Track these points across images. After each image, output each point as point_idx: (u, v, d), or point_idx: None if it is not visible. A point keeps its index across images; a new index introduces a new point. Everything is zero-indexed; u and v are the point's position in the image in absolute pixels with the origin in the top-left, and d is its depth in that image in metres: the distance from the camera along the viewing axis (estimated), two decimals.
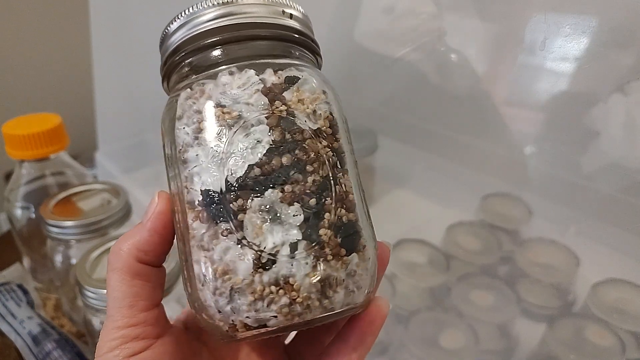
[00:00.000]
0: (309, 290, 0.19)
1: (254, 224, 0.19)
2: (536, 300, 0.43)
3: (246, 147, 0.19)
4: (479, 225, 0.50)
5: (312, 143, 0.20)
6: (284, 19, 0.22)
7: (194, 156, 0.19)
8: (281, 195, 0.19)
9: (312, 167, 0.19)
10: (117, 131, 0.75)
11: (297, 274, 0.19)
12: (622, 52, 0.36)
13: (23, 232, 0.50)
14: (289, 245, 0.19)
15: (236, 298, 0.18)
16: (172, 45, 0.22)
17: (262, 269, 0.18)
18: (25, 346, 0.41)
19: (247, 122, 0.19)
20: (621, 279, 0.41)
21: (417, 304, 0.44)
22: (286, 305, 0.18)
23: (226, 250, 0.18)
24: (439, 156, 0.56)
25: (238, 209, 0.18)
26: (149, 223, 0.20)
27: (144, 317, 0.20)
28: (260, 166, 0.19)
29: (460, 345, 0.39)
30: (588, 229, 0.45)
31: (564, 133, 0.42)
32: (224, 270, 0.18)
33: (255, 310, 0.18)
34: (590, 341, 0.37)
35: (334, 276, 0.19)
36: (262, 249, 0.18)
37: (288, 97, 0.20)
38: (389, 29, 0.51)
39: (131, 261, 0.20)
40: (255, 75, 0.20)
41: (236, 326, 0.19)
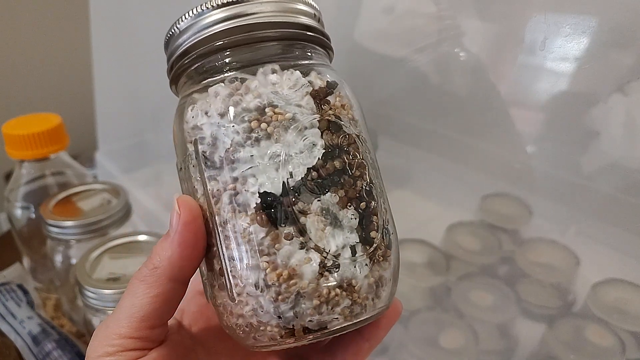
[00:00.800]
0: (367, 291, 0.19)
1: (317, 227, 0.18)
2: (536, 300, 0.43)
3: (302, 150, 0.19)
4: (479, 225, 0.50)
5: (356, 148, 0.20)
6: (313, 20, 0.22)
7: (247, 157, 0.19)
8: (337, 199, 0.19)
9: (359, 171, 0.20)
10: (117, 131, 0.75)
11: (358, 276, 0.19)
12: (623, 52, 0.36)
13: (23, 232, 0.50)
14: (349, 247, 0.19)
15: (301, 303, 0.18)
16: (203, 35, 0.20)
17: (327, 272, 0.18)
18: (25, 346, 0.41)
19: (301, 125, 0.19)
20: (621, 279, 0.40)
21: (417, 304, 0.44)
22: (348, 307, 0.19)
23: (290, 254, 0.18)
24: (439, 156, 0.56)
25: (300, 212, 0.18)
26: (177, 236, 0.19)
27: (149, 334, 0.20)
28: (317, 169, 0.19)
29: (460, 345, 0.39)
30: (588, 229, 0.45)
31: (564, 133, 0.42)
32: (289, 274, 0.18)
33: (319, 314, 0.18)
34: (590, 341, 0.37)
35: (384, 276, 0.20)
36: (327, 251, 0.18)
37: (332, 101, 0.20)
38: (389, 29, 0.51)
39: (163, 280, 0.19)
40: (302, 77, 0.20)
41: (293, 331, 0.19)
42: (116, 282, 0.36)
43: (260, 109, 0.19)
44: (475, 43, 0.45)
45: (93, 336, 0.20)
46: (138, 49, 0.65)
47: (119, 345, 0.19)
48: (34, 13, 0.89)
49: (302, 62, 0.21)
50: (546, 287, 0.44)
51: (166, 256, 0.19)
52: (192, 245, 0.19)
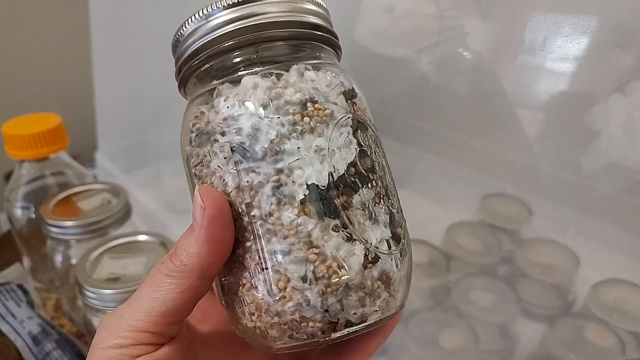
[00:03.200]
0: (400, 284, 0.20)
1: (359, 220, 0.19)
2: (536, 300, 0.43)
3: (342, 146, 0.19)
4: (479, 225, 0.50)
5: (377, 149, 0.21)
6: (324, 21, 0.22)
7: (294, 149, 0.18)
8: (373, 195, 0.20)
9: (382, 170, 0.21)
10: (117, 131, 0.75)
11: (394, 269, 0.20)
12: (623, 52, 0.36)
13: (23, 232, 0.50)
14: (385, 241, 0.19)
15: (349, 294, 0.18)
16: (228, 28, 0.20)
17: (371, 264, 0.19)
18: (25, 346, 0.41)
19: (339, 122, 0.19)
20: (621, 279, 0.40)
21: (417, 304, 0.44)
22: (385, 300, 0.19)
23: (339, 246, 0.18)
24: (439, 156, 0.56)
25: (343, 205, 0.19)
26: (202, 232, 0.18)
27: (166, 330, 0.19)
28: (355, 165, 0.19)
29: (460, 345, 0.39)
30: (588, 229, 0.45)
31: (564, 133, 0.42)
32: (339, 265, 0.18)
33: (362, 306, 0.19)
34: (591, 341, 0.37)
35: (408, 272, 0.21)
36: (370, 243, 0.19)
37: (357, 103, 0.21)
38: (389, 29, 0.51)
39: (193, 277, 0.18)
40: (335, 77, 0.21)
41: (336, 325, 0.19)
42: (116, 282, 0.36)
43: (302, 103, 0.19)
44: (475, 43, 0.45)
45: (102, 326, 0.19)
46: (138, 49, 0.65)
47: (132, 338, 0.18)
48: (34, 13, 0.89)
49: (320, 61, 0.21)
50: (546, 287, 0.44)
51: (194, 253, 0.18)
52: (220, 240, 0.19)
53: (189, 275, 0.18)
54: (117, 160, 0.72)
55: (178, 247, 0.19)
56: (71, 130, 0.50)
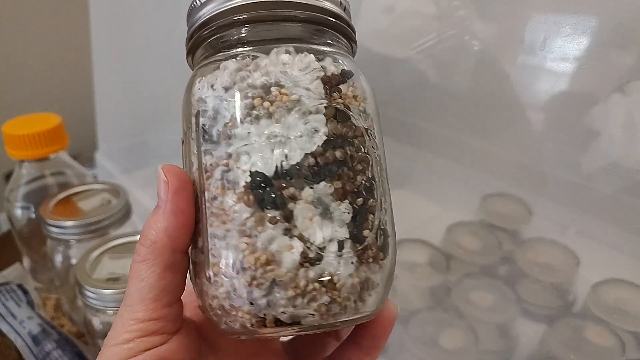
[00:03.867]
0: (350, 291, 0.18)
1: (305, 215, 0.18)
2: (536, 300, 0.43)
3: (303, 134, 0.18)
4: (479, 225, 0.50)
5: (362, 141, 0.19)
6: (338, 7, 0.21)
7: (244, 133, 0.18)
8: (332, 190, 0.18)
9: (361, 165, 0.19)
10: (117, 131, 0.75)
11: (341, 273, 0.18)
12: (622, 52, 0.36)
13: (23, 232, 0.50)
14: (337, 242, 0.18)
15: (275, 291, 0.17)
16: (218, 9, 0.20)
17: (308, 264, 0.17)
18: (25, 346, 0.41)
19: (305, 108, 0.18)
20: (621, 279, 0.40)
21: (417, 304, 0.44)
22: (325, 304, 0.18)
23: (272, 239, 0.17)
24: (439, 156, 0.56)
25: (289, 197, 0.18)
26: (168, 205, 0.18)
27: (167, 312, 0.19)
28: (316, 156, 0.18)
29: (460, 345, 0.39)
30: (588, 228, 0.45)
31: (564, 133, 0.42)
32: (267, 260, 0.17)
33: (293, 306, 0.18)
34: (590, 341, 0.37)
35: (371, 279, 0.19)
36: (311, 242, 0.18)
37: (344, 90, 0.19)
38: (389, 29, 0.51)
39: (166, 253, 0.18)
40: (315, 61, 0.19)
41: (265, 321, 0.18)
42: (116, 282, 0.36)
43: (266, 87, 0.18)
44: (475, 43, 0.45)
45: (111, 327, 0.19)
46: (138, 49, 0.65)
47: (138, 331, 0.18)
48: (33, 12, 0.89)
49: (321, 47, 0.20)
50: (546, 287, 0.44)
51: (162, 228, 0.18)
52: (186, 212, 0.19)
53: (162, 252, 0.18)
54: (117, 160, 0.72)
55: (145, 228, 0.19)
56: (71, 130, 0.50)
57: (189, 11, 0.21)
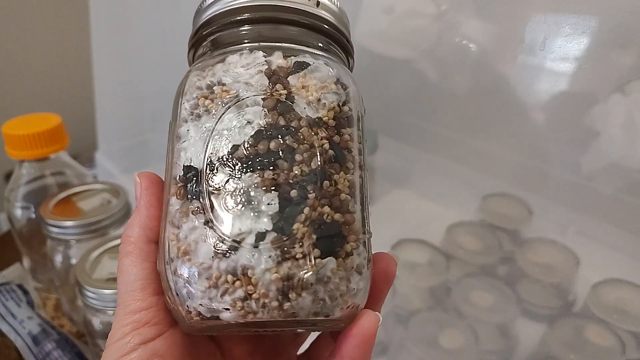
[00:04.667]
0: (268, 288, 0.17)
1: (225, 206, 0.17)
2: (536, 300, 0.43)
3: (234, 127, 0.18)
4: (479, 225, 0.50)
5: (306, 132, 0.18)
6: (313, 7, 0.21)
7: (185, 131, 0.19)
8: (259, 181, 0.17)
9: (302, 156, 0.18)
10: (117, 131, 0.75)
11: (256, 267, 0.17)
12: (622, 52, 0.36)
13: (23, 232, 0.49)
14: (255, 234, 0.17)
15: (192, 282, 0.17)
16: (202, 20, 0.22)
17: (222, 255, 0.17)
18: (25, 346, 0.41)
19: (242, 102, 0.19)
20: (621, 279, 0.40)
21: (417, 304, 0.44)
22: (240, 299, 0.17)
23: (192, 229, 0.18)
24: (439, 156, 0.56)
25: (213, 188, 0.18)
26: (142, 200, 0.20)
27: (156, 301, 0.19)
28: (245, 148, 0.18)
29: (460, 345, 0.39)
30: (588, 228, 0.45)
31: (564, 133, 0.42)
32: (186, 250, 0.18)
33: (208, 299, 0.17)
34: (590, 341, 0.37)
35: (299, 277, 0.17)
36: (225, 233, 0.17)
37: (292, 82, 0.19)
38: (389, 30, 0.51)
39: (140, 243, 0.20)
40: (262, 57, 0.20)
41: (191, 313, 0.18)
42: (116, 282, 0.36)
43: (210, 86, 0.19)
44: (475, 43, 0.45)
45: (112, 328, 0.20)
46: (138, 49, 0.65)
47: (132, 323, 0.19)
48: (33, 13, 0.89)
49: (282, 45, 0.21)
50: (546, 287, 0.44)
51: (136, 222, 0.20)
52: (155, 206, 0.20)
53: (138, 243, 0.20)
54: (117, 160, 0.72)
55: (125, 228, 0.21)
56: (71, 130, 0.50)
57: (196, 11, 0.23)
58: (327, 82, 0.20)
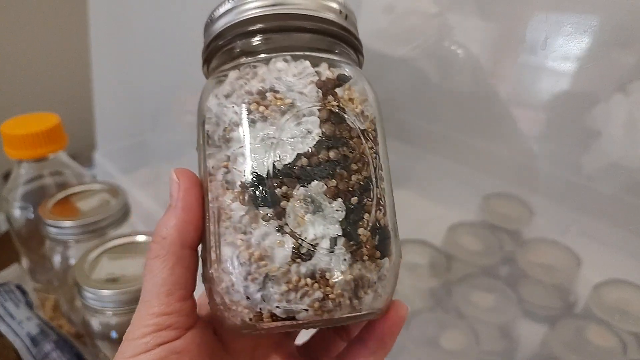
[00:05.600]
0: (343, 288, 0.19)
1: (297, 212, 0.18)
2: (537, 301, 0.43)
3: (296, 136, 0.19)
4: (480, 225, 0.50)
5: (358, 142, 0.20)
6: (339, 16, 0.22)
7: (240, 136, 0.19)
8: (325, 189, 0.19)
9: (357, 165, 0.20)
10: (116, 131, 0.75)
11: (334, 270, 0.18)
12: (624, 52, 0.35)
13: (21, 233, 0.49)
14: (329, 239, 0.19)
15: (269, 286, 0.18)
16: (222, 26, 0.21)
17: (300, 259, 0.18)
18: (23, 347, 0.41)
19: (299, 111, 0.19)
20: (623, 279, 0.40)
21: (417, 304, 0.44)
22: (318, 300, 0.18)
23: (265, 235, 0.18)
24: (440, 156, 0.56)
25: (282, 195, 0.18)
26: (179, 202, 0.20)
27: (180, 307, 0.20)
28: (309, 157, 0.19)
29: (461, 346, 0.39)
30: (589, 229, 0.45)
31: (565, 133, 0.42)
32: (261, 255, 0.18)
33: (287, 301, 0.18)
34: (592, 342, 0.37)
35: (367, 277, 0.19)
36: (302, 238, 0.18)
37: (340, 93, 0.20)
38: (389, 29, 0.51)
39: (174, 247, 0.19)
40: (310, 67, 0.20)
41: (262, 315, 0.19)
42: (115, 282, 0.35)
43: (262, 92, 0.19)
44: (476, 42, 0.45)
45: (131, 322, 0.20)
46: (137, 48, 0.65)
47: (154, 325, 0.19)
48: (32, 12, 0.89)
49: (318, 54, 0.21)
50: (547, 287, 0.44)
51: (172, 224, 0.20)
52: (195, 209, 0.20)
53: (172, 247, 0.19)
54: (116, 160, 0.71)
55: (157, 226, 0.20)
56: (70, 130, 0.50)
57: (205, 24, 0.23)
58: (365, 95, 0.21)
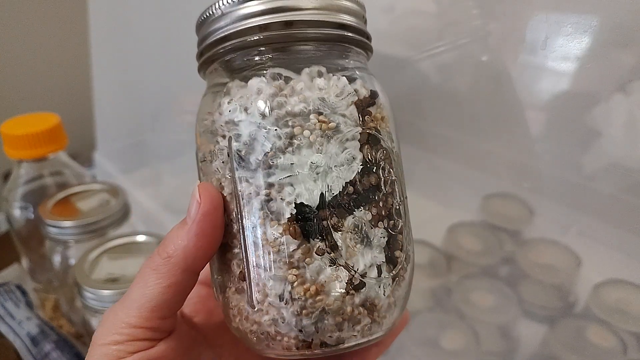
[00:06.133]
0: (387, 310, 0.19)
1: (348, 244, 0.18)
2: (537, 301, 0.43)
3: (343, 163, 0.18)
4: (480, 225, 0.50)
5: (390, 162, 0.20)
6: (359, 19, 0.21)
7: (287, 164, 0.18)
8: (370, 216, 0.19)
9: (391, 188, 0.19)
10: (115, 131, 0.75)
11: (381, 296, 0.19)
12: (624, 52, 0.35)
13: (22, 233, 0.49)
14: (376, 267, 0.19)
15: (325, 319, 0.18)
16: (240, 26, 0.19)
17: (354, 291, 0.18)
18: (23, 347, 0.41)
19: (343, 136, 0.18)
20: (623, 279, 0.40)
21: (417, 304, 0.44)
22: (368, 325, 0.19)
23: (320, 270, 0.18)
24: (440, 156, 0.56)
25: (333, 227, 0.18)
26: (194, 226, 0.18)
27: (159, 324, 0.19)
28: (354, 184, 0.18)
29: (461, 346, 0.39)
30: (589, 229, 0.44)
31: (565, 133, 0.42)
32: (317, 290, 0.18)
33: (339, 330, 0.18)
34: (592, 342, 0.37)
35: (401, 295, 0.20)
36: (355, 270, 0.18)
37: (373, 112, 0.20)
38: (389, 29, 0.51)
39: (176, 270, 0.19)
40: (349, 85, 0.19)
41: (312, 344, 0.19)
42: (115, 282, 0.35)
43: (305, 114, 0.18)
44: (476, 42, 0.45)
45: (101, 322, 0.19)
46: (137, 48, 0.65)
47: (128, 335, 0.19)
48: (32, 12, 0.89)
49: (346, 65, 0.20)
50: (547, 287, 0.44)
51: (181, 245, 0.19)
52: (210, 236, 0.19)
53: (174, 268, 0.19)
54: (115, 160, 0.71)
55: (167, 239, 0.19)
56: (70, 130, 0.50)
57: (201, 20, 0.21)
58: (388, 110, 0.21)
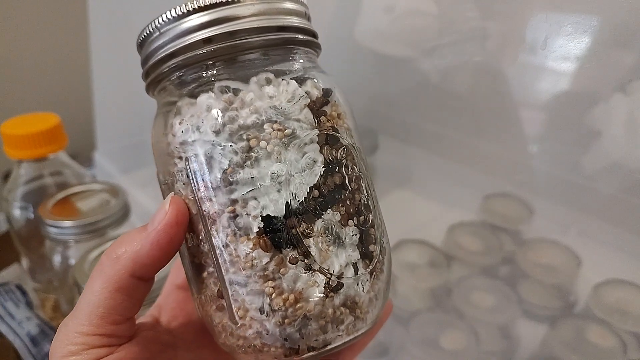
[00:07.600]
0: (368, 305, 0.19)
1: (321, 248, 0.18)
2: (537, 301, 0.43)
3: (304, 169, 0.18)
4: (480, 225, 0.50)
5: (352, 159, 0.19)
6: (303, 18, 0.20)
7: (248, 179, 0.17)
8: (339, 216, 0.19)
9: (356, 184, 0.19)
10: (115, 131, 0.75)
11: (361, 293, 0.19)
12: (624, 52, 0.35)
13: (21, 233, 0.49)
14: (351, 265, 0.19)
15: (308, 324, 0.18)
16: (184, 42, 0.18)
17: (332, 293, 0.18)
18: (23, 347, 0.41)
19: (301, 141, 0.18)
20: (623, 279, 0.40)
21: (417, 305, 0.44)
22: (352, 323, 0.19)
23: (296, 278, 0.18)
24: (440, 156, 0.56)
25: (303, 234, 0.18)
26: (153, 234, 0.18)
27: (112, 330, 0.19)
28: (318, 188, 0.18)
29: (461, 346, 0.39)
30: (589, 229, 0.45)
31: (565, 133, 0.42)
32: (296, 298, 0.18)
33: (324, 333, 0.18)
34: (592, 342, 0.37)
35: (381, 288, 0.20)
36: (331, 272, 0.18)
37: (328, 111, 0.19)
38: (389, 29, 0.51)
39: (122, 274, 0.18)
40: (299, 88, 0.19)
41: (299, 349, 0.19)
42: None
43: (259, 125, 0.18)
44: (476, 42, 0.45)
45: (55, 336, 0.19)
46: None
47: (83, 344, 0.18)
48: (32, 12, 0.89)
49: (295, 66, 0.20)
50: (547, 287, 0.44)
51: (134, 249, 0.18)
52: (164, 249, 0.18)
53: (120, 272, 0.18)
54: (115, 160, 0.71)
55: (120, 240, 0.19)
56: (70, 130, 0.50)
57: (141, 40, 0.20)
58: (344, 105, 0.20)
